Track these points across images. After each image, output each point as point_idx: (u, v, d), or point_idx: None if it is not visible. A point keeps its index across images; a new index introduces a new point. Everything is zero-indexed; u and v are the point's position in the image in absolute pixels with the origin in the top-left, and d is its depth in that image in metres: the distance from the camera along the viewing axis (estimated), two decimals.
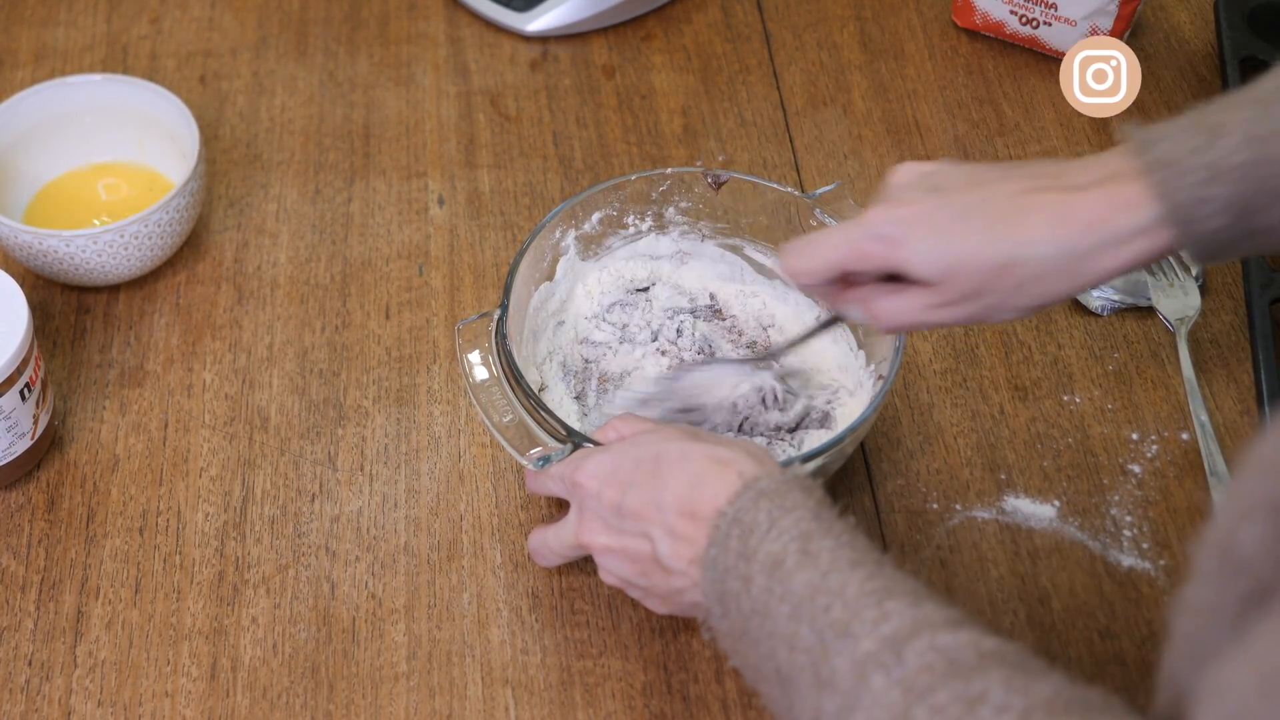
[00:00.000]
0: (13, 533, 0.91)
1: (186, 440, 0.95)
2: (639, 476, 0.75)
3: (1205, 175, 0.68)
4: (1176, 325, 0.99)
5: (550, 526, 0.83)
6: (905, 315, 0.76)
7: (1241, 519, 0.52)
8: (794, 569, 0.68)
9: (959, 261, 0.72)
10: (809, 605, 0.66)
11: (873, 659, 0.62)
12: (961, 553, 0.90)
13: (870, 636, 0.63)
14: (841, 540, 0.69)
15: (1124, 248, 0.70)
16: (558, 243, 0.95)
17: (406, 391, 0.97)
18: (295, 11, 1.20)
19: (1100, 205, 0.70)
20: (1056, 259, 0.71)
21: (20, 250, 0.98)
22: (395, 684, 0.85)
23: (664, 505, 0.74)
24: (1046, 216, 0.71)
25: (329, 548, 0.90)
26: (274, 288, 1.03)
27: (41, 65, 1.16)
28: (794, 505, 0.70)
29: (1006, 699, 0.59)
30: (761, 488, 0.71)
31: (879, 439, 0.95)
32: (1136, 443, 0.95)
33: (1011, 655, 0.62)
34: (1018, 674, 0.60)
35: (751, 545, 0.70)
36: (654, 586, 0.77)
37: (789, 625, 0.67)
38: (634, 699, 0.84)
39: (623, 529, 0.76)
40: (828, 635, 0.65)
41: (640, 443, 0.78)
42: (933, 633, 0.62)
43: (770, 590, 0.68)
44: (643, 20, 1.20)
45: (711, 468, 0.74)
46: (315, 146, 1.11)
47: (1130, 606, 0.88)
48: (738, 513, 0.71)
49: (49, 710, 0.84)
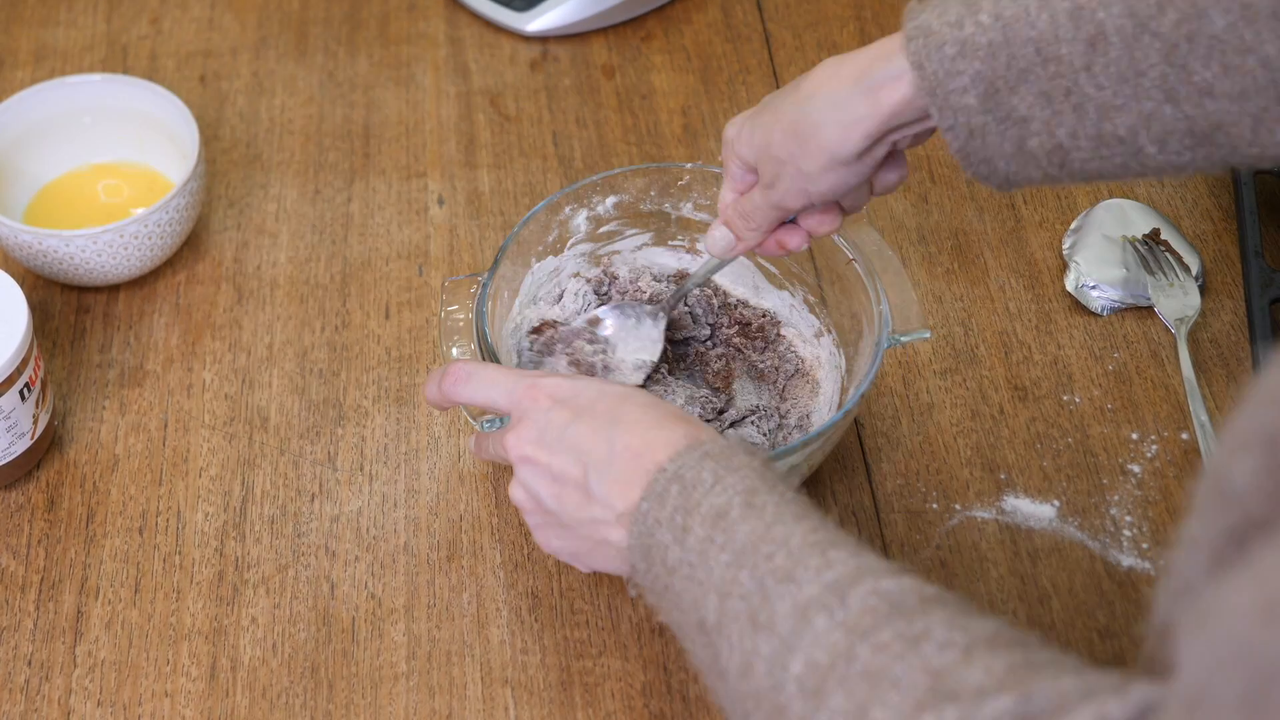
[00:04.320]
0: (13, 533, 0.91)
1: (186, 440, 0.95)
2: (599, 407, 0.76)
3: (956, 49, 0.73)
4: (1176, 325, 0.99)
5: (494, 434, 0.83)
6: (754, 209, 0.85)
7: (1235, 450, 0.52)
8: (738, 519, 0.69)
9: (761, 135, 0.81)
10: (751, 553, 0.67)
11: (816, 602, 0.63)
12: (961, 553, 0.90)
13: (814, 583, 0.64)
14: (786, 497, 0.70)
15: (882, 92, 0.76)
16: (568, 220, 0.95)
17: (406, 391, 0.98)
18: (295, 11, 1.20)
19: (863, 60, 0.77)
20: (824, 108, 0.78)
21: (20, 250, 0.98)
22: (395, 684, 0.85)
23: (614, 439, 0.74)
24: (818, 75, 0.79)
25: (329, 548, 0.90)
26: (274, 288, 1.03)
27: (41, 65, 1.16)
28: (739, 465, 0.71)
29: (949, 635, 0.60)
30: (706, 449, 0.72)
31: (879, 439, 0.95)
32: (1136, 443, 0.95)
33: (952, 599, 0.63)
34: (959, 614, 0.61)
35: (695, 499, 0.70)
36: (565, 512, 0.76)
37: (726, 573, 0.67)
38: (634, 699, 0.84)
39: (557, 448, 0.76)
40: (768, 581, 0.65)
41: (609, 386, 0.78)
42: (876, 578, 0.64)
43: (710, 539, 0.69)
44: (643, 20, 1.20)
45: (671, 421, 0.74)
46: (315, 146, 1.11)
47: (1130, 606, 0.88)
48: (679, 469, 0.72)
49: (49, 710, 0.84)
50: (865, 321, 0.89)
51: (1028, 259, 1.04)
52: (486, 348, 0.86)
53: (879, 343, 0.86)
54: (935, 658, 0.59)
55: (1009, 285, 1.03)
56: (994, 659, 0.58)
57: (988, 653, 0.59)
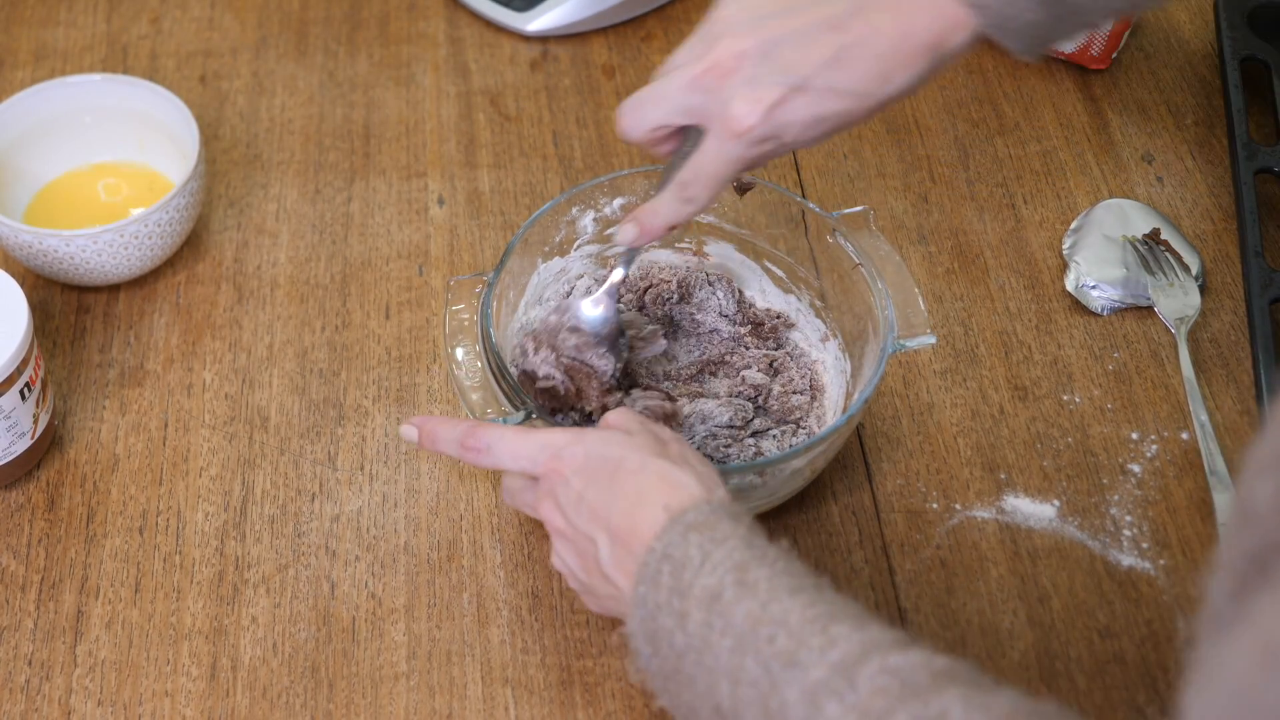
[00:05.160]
0: (13, 532, 0.91)
1: (186, 440, 0.95)
2: (601, 476, 0.75)
3: None
4: (1176, 325, 0.99)
5: (524, 479, 0.81)
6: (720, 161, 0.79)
7: (1259, 474, 0.52)
8: (733, 601, 0.66)
9: None
10: (752, 637, 0.65)
11: (824, 686, 0.61)
12: (961, 552, 0.90)
13: (819, 664, 0.62)
14: (777, 568, 0.68)
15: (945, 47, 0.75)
16: (574, 220, 0.95)
17: (406, 391, 0.98)
18: (295, 11, 1.20)
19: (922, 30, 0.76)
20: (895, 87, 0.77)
21: (20, 250, 0.98)
22: (395, 683, 0.85)
23: (611, 513, 0.73)
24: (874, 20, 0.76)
25: (329, 547, 0.90)
26: (274, 287, 1.03)
27: (41, 65, 1.16)
28: (725, 536, 0.69)
29: (967, 716, 0.58)
30: (689, 521, 0.70)
31: (879, 439, 0.95)
32: (1136, 442, 0.95)
33: (963, 673, 0.61)
34: (974, 690, 0.60)
35: (685, 580, 0.68)
36: (593, 586, 0.76)
37: (732, 659, 0.65)
38: (634, 699, 0.84)
39: (578, 523, 0.75)
40: (774, 666, 0.64)
41: (611, 441, 0.76)
42: (882, 655, 0.62)
43: (710, 624, 0.67)
44: (643, 20, 1.20)
45: (657, 489, 0.73)
46: (315, 146, 1.11)
47: (1130, 606, 0.88)
48: (667, 548, 0.70)
49: (49, 710, 0.84)
50: (870, 326, 0.89)
51: (1028, 259, 1.04)
52: (491, 348, 0.86)
53: (884, 348, 0.86)
54: None
55: (1009, 285, 1.03)
56: None
57: None
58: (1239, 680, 0.47)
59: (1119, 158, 1.10)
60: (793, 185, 1.08)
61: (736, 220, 0.96)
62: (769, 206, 0.95)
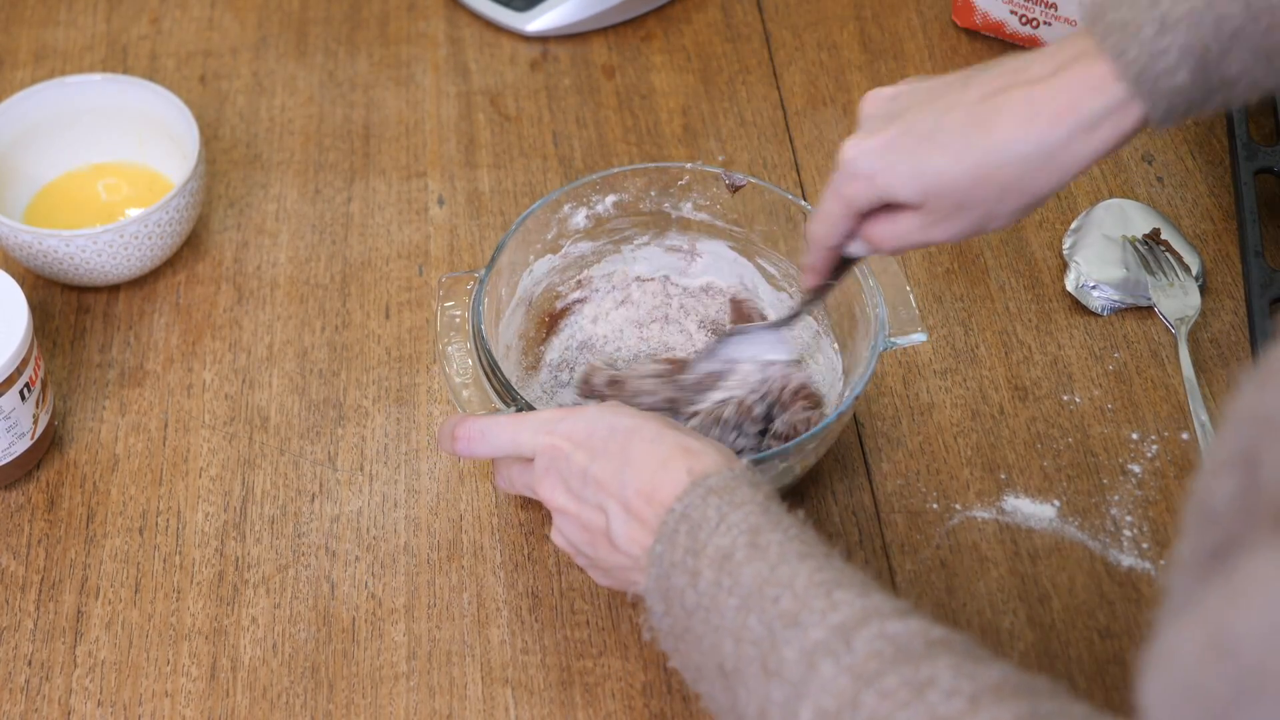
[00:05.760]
0: (13, 533, 0.91)
1: (186, 440, 0.95)
2: (611, 446, 0.75)
3: (1156, 28, 0.67)
4: (1176, 325, 0.99)
5: (519, 464, 0.82)
6: (904, 238, 0.77)
7: (1215, 471, 0.52)
8: (743, 561, 0.68)
9: (937, 179, 0.72)
10: (758, 597, 0.66)
11: (822, 647, 0.63)
12: (961, 553, 0.90)
13: (819, 626, 0.64)
14: (790, 534, 0.69)
15: (1097, 131, 0.70)
16: (566, 218, 0.95)
17: (406, 391, 0.98)
18: (295, 11, 1.20)
19: (1066, 92, 0.70)
20: (1032, 157, 0.71)
21: (20, 250, 0.98)
22: (395, 684, 0.85)
23: (626, 481, 0.74)
24: (1014, 116, 0.71)
25: (329, 548, 0.90)
26: (274, 288, 1.03)
27: (41, 65, 1.16)
28: (742, 500, 0.70)
29: (955, 683, 0.59)
30: (710, 484, 0.71)
31: (879, 439, 0.95)
32: (1136, 443, 0.95)
33: (958, 643, 0.62)
34: (965, 660, 0.61)
35: (701, 540, 0.70)
36: (600, 559, 0.77)
37: (737, 617, 0.67)
38: (634, 699, 0.84)
39: (583, 496, 0.76)
40: (776, 626, 0.65)
41: (619, 411, 0.77)
42: (881, 621, 0.63)
43: (719, 583, 0.68)
44: (643, 20, 1.20)
45: (678, 455, 0.74)
46: (315, 146, 1.11)
47: (1130, 606, 0.88)
48: (686, 509, 0.71)
49: (49, 710, 0.84)
50: (862, 324, 0.89)
51: (1028, 259, 1.04)
52: (482, 345, 0.86)
53: (875, 345, 0.86)
54: (941, 706, 0.59)
55: (1009, 285, 1.03)
56: (1000, 709, 0.58)
57: (994, 702, 0.58)
58: (1187, 669, 0.47)
59: (1119, 158, 1.10)
60: (792, 185, 1.08)
61: (736, 220, 0.96)
62: (769, 206, 0.95)
